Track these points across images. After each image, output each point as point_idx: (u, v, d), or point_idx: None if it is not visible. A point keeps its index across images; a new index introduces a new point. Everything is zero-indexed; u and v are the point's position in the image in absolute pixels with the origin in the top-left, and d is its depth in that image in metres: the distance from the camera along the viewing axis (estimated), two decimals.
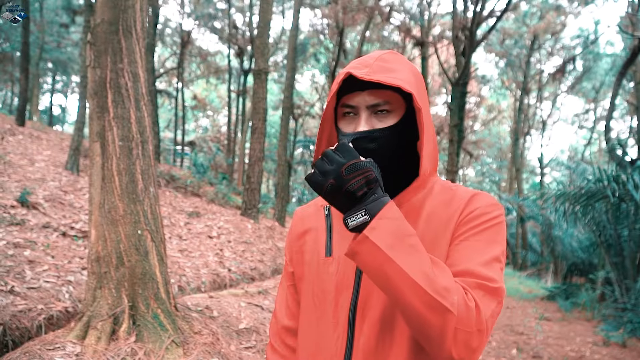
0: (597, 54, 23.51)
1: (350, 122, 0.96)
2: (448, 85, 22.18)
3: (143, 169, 3.29)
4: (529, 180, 36.56)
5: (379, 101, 0.92)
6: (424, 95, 0.95)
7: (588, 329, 7.24)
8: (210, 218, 9.56)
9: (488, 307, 0.82)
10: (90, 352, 2.77)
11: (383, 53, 0.96)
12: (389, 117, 0.94)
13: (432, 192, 0.98)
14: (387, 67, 0.92)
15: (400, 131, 0.94)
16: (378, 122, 0.93)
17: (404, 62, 0.97)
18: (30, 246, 4.62)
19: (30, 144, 10.42)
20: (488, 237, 0.90)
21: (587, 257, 12.08)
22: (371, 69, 0.91)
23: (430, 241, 0.91)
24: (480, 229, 0.91)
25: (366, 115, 0.93)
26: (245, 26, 20.81)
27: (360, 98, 0.93)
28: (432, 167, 0.98)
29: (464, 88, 12.72)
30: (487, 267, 0.86)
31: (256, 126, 10.98)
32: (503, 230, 0.93)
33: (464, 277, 0.84)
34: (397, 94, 0.93)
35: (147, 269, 3.15)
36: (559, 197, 7.78)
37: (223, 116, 36.02)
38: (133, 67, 3.32)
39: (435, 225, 0.94)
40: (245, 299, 4.99)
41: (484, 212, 0.92)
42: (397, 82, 0.89)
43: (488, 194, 0.97)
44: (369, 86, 0.92)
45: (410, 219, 0.94)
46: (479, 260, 0.86)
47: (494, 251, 0.89)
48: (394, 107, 0.94)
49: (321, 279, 1.02)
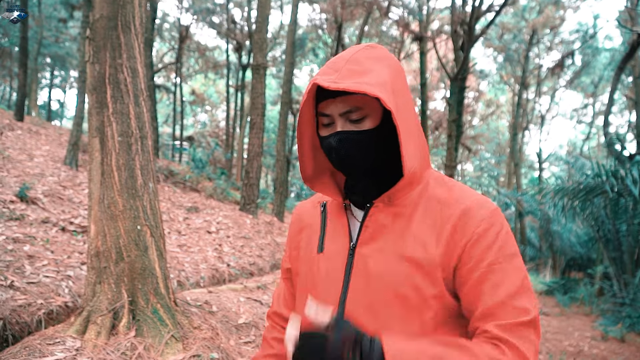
0: (596, 48, 23.47)
1: (328, 129, 0.95)
2: (446, 80, 22.15)
3: (142, 165, 3.29)
4: (527, 175, 36.59)
5: (350, 108, 0.91)
6: (400, 88, 0.93)
7: (586, 324, 7.28)
8: (209, 213, 9.57)
9: (530, 347, 0.82)
10: (90, 346, 2.78)
11: (357, 51, 0.94)
12: (364, 122, 0.92)
13: (427, 188, 0.96)
14: (356, 70, 0.89)
15: (377, 134, 0.93)
16: (354, 127, 0.92)
17: (380, 57, 0.94)
18: (29, 241, 4.62)
19: (29, 139, 10.40)
20: (505, 255, 0.87)
21: (586, 252, 12.12)
22: (339, 75, 0.88)
23: (422, 239, 0.90)
24: (494, 252, 0.87)
25: (341, 122, 0.92)
26: (244, 21, 20.76)
27: (333, 106, 0.92)
28: (423, 162, 0.96)
29: (463, 83, 12.72)
30: (517, 298, 0.84)
31: (255, 121, 10.96)
32: (511, 234, 0.91)
33: (497, 320, 0.83)
34: (372, 98, 0.91)
35: (146, 264, 3.16)
36: (558, 192, 7.79)
37: (221, 111, 35.98)
38: (132, 62, 3.31)
39: (429, 223, 0.92)
40: (244, 294, 5.00)
41: (489, 226, 0.89)
42: (363, 87, 0.85)
43: (481, 200, 0.92)
44: (341, 93, 0.90)
45: (405, 216, 0.94)
46: (507, 293, 0.84)
47: (517, 270, 0.87)
48: (368, 110, 0.92)
49: (313, 274, 1.03)
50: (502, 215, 0.92)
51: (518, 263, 0.88)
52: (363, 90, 0.85)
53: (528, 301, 0.85)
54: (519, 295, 0.84)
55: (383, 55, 0.95)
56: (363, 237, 0.96)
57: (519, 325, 0.82)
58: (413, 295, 0.88)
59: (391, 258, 0.91)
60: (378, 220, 0.95)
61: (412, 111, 0.95)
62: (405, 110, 0.91)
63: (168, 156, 23.83)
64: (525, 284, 0.86)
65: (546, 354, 5.31)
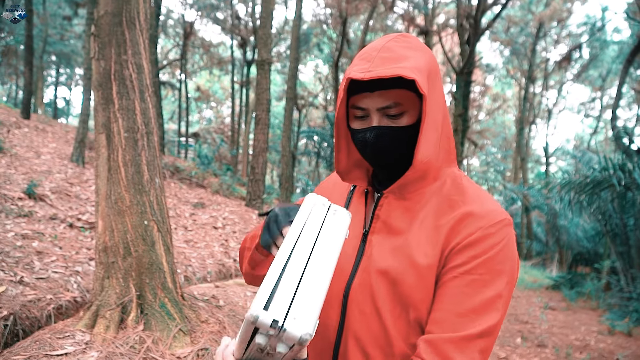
0: (604, 41, 23.26)
1: (362, 122, 0.92)
2: (452, 75, 22.04)
3: (148, 160, 3.31)
4: (534, 169, 36.41)
5: (389, 103, 0.87)
6: (434, 76, 0.89)
7: (593, 318, 7.26)
8: (215, 209, 9.60)
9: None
10: (99, 340, 2.81)
11: (389, 40, 0.90)
12: (402, 118, 0.89)
13: (443, 188, 0.93)
14: (390, 58, 0.85)
15: (414, 132, 0.90)
16: (391, 123, 0.89)
17: (414, 46, 0.90)
18: (38, 237, 4.66)
19: (36, 137, 10.47)
20: (490, 269, 0.83)
21: (593, 246, 12.07)
22: (372, 64, 0.85)
23: (425, 240, 0.89)
24: (478, 262, 0.83)
25: (378, 117, 0.89)
26: (248, 17, 20.73)
27: (369, 100, 0.88)
28: (444, 158, 0.94)
29: (469, 77, 12.66)
30: (480, 313, 0.81)
31: (260, 117, 10.98)
32: (511, 253, 0.85)
33: (443, 332, 0.81)
34: (410, 92, 0.88)
35: (154, 259, 3.18)
36: (564, 186, 7.75)
37: (226, 107, 36.01)
38: (137, 58, 3.32)
39: (435, 224, 0.90)
40: (250, 289, 5.02)
41: (484, 236, 0.84)
42: (398, 70, 0.82)
43: (489, 209, 0.87)
44: (378, 87, 0.87)
45: (414, 212, 0.93)
46: (471, 306, 0.81)
47: (496, 288, 0.82)
48: (406, 107, 0.88)
49: None
50: (507, 229, 0.86)
51: (500, 282, 0.82)
52: (398, 73, 0.82)
53: (488, 317, 0.81)
54: (481, 310, 0.81)
55: (416, 44, 0.91)
56: (375, 226, 0.96)
57: (463, 339, 0.80)
58: (405, 293, 0.87)
59: (392, 251, 0.91)
60: (387, 213, 0.95)
61: (442, 106, 0.92)
62: (435, 102, 0.88)
63: (174, 153, 23.90)
64: (495, 302, 0.82)
65: (552, 347, 5.31)
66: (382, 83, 0.86)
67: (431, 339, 0.81)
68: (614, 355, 5.09)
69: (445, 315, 0.82)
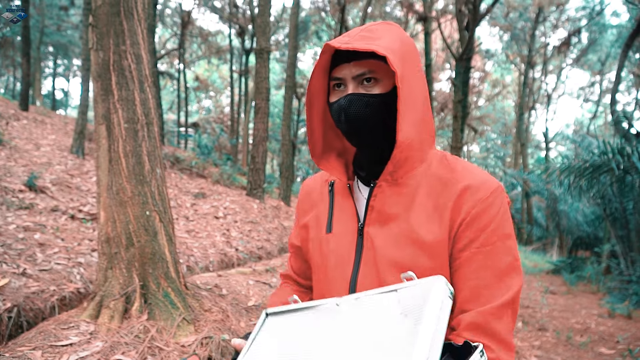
0: (602, 25, 23.13)
1: (339, 94, 0.95)
2: (452, 61, 21.92)
3: (149, 151, 3.31)
4: (534, 155, 36.40)
5: (363, 71, 0.92)
6: (410, 60, 0.92)
7: (593, 302, 7.31)
8: (216, 199, 9.62)
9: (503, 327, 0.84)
10: (104, 330, 2.83)
11: (373, 24, 0.95)
12: (376, 86, 0.92)
13: (430, 168, 0.96)
14: (368, 36, 0.91)
15: (386, 100, 0.93)
16: (364, 90, 0.93)
17: (393, 31, 0.95)
18: (40, 229, 4.68)
19: (35, 129, 10.45)
20: (498, 235, 0.88)
21: (593, 230, 12.12)
22: (352, 39, 0.90)
23: (427, 220, 0.91)
24: (487, 233, 0.88)
25: (353, 85, 0.93)
26: (246, 5, 20.54)
27: (346, 70, 0.93)
28: (426, 139, 0.96)
29: (468, 63, 12.58)
30: (503, 278, 0.87)
31: (259, 106, 10.94)
32: (508, 214, 0.92)
33: (479, 305, 0.85)
34: (385, 64, 0.91)
35: (156, 249, 3.20)
36: (564, 170, 7.76)
37: (226, 97, 35.89)
38: (136, 48, 3.31)
39: (432, 203, 0.92)
40: (253, 277, 5.06)
41: (486, 207, 0.89)
42: (372, 46, 0.87)
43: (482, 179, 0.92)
44: (354, 58, 0.92)
45: (409, 196, 0.94)
46: (494, 274, 0.87)
47: (508, 250, 0.88)
48: (380, 75, 0.92)
49: (323, 255, 1.04)
50: (502, 195, 0.92)
51: (510, 244, 0.89)
52: (372, 48, 0.86)
53: (512, 281, 0.87)
54: (505, 276, 0.86)
55: (397, 31, 0.96)
56: (370, 218, 0.97)
57: (500, 308, 0.85)
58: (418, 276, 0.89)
59: (397, 240, 0.92)
60: (383, 201, 0.96)
61: (420, 86, 0.94)
62: (412, 80, 0.91)
63: (173, 143, 23.86)
64: (514, 264, 0.88)
65: (553, 331, 5.35)
66: (360, 56, 0.92)
67: (470, 316, 0.85)
68: (614, 338, 5.14)
69: (475, 291, 0.87)
